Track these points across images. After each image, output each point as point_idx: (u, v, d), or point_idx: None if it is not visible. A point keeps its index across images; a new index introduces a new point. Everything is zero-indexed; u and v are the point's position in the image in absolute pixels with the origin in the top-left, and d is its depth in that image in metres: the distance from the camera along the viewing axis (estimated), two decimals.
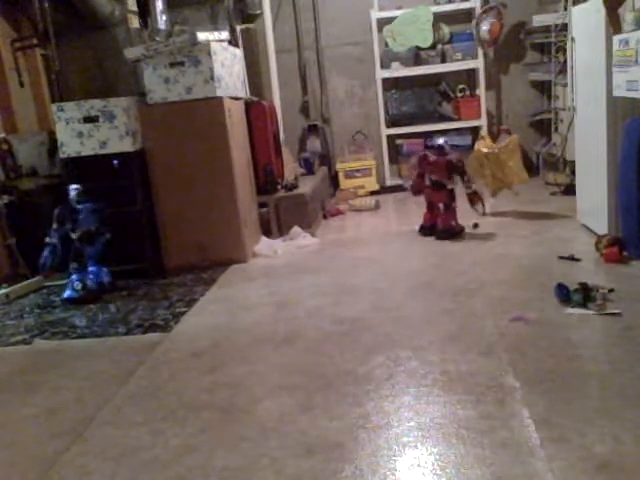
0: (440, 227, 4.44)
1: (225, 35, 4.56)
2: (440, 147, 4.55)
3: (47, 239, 3.90)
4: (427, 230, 4.55)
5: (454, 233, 4.41)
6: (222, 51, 4.43)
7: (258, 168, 4.96)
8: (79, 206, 3.96)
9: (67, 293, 3.93)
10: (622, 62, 3.32)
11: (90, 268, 3.99)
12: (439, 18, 6.32)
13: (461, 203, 4.57)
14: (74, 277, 3.91)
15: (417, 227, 4.66)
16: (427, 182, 4.53)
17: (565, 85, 5.49)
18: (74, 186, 3.98)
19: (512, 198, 5.08)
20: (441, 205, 4.47)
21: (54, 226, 3.91)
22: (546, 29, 5.98)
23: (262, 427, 2.19)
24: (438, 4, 6.34)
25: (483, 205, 4.56)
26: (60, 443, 2.24)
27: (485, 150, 5.04)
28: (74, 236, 3.91)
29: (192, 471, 1.98)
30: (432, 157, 4.51)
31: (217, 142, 4.25)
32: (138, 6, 4.80)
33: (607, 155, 3.69)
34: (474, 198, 4.53)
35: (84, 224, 3.94)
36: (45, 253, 3.90)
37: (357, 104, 6.81)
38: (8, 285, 4.27)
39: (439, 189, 4.45)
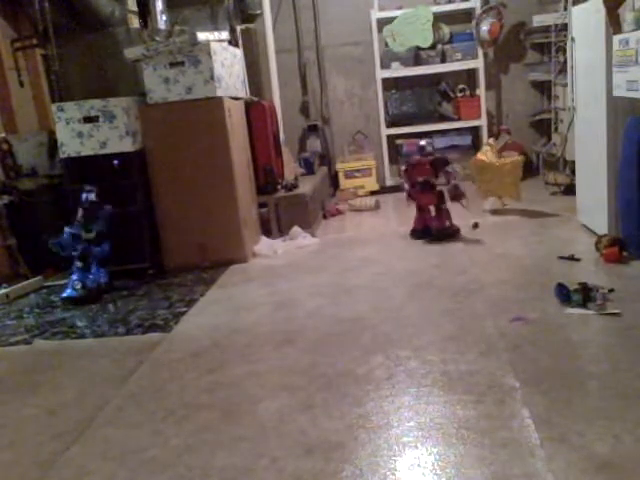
0: (435, 228, 4.42)
1: (225, 35, 4.56)
2: (421, 148, 4.54)
3: (68, 229, 3.87)
4: (419, 233, 4.51)
5: (449, 234, 4.39)
6: (222, 51, 4.43)
7: (258, 168, 4.96)
8: (100, 207, 3.97)
9: (67, 292, 3.90)
10: (622, 62, 3.32)
11: (93, 270, 3.97)
12: (439, 18, 6.33)
13: (457, 205, 4.55)
14: (74, 277, 3.89)
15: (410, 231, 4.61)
16: (417, 186, 4.48)
17: (565, 85, 5.49)
18: (90, 187, 3.96)
19: (508, 200, 5.10)
20: (432, 207, 4.44)
21: (80, 221, 3.90)
22: (546, 29, 5.98)
23: (262, 427, 2.19)
24: (438, 4, 6.34)
25: (466, 197, 4.45)
26: (60, 443, 2.24)
27: (488, 160, 5.05)
28: (89, 236, 3.90)
29: (192, 471, 1.98)
30: (415, 158, 4.49)
31: (217, 142, 4.25)
32: (138, 6, 4.79)
33: (607, 155, 3.69)
34: (456, 193, 4.42)
35: (99, 225, 3.95)
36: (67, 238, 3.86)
37: (357, 104, 6.81)
38: (8, 285, 4.27)
39: (428, 191, 4.41)
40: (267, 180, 5.01)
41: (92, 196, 3.94)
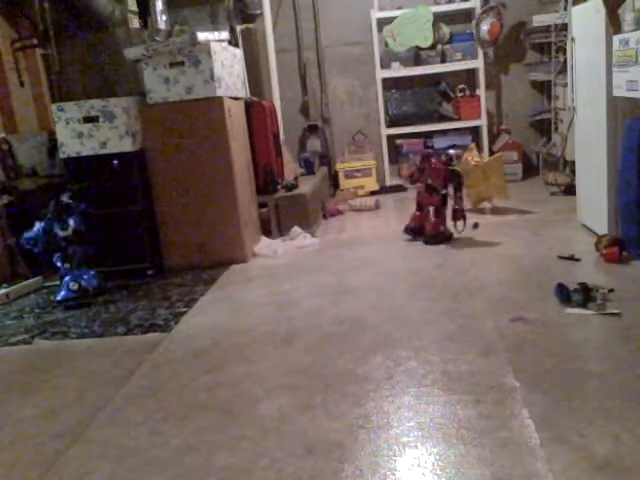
0: (429, 232, 4.38)
1: (225, 35, 4.55)
2: (449, 157, 4.42)
3: (39, 224, 3.81)
4: (412, 231, 4.48)
5: (442, 239, 4.35)
6: (222, 51, 4.43)
7: (258, 168, 4.96)
8: (72, 205, 3.91)
9: (62, 294, 3.83)
10: (622, 62, 3.32)
11: (84, 271, 3.94)
12: (439, 18, 6.33)
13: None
14: (68, 277, 3.85)
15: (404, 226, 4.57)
16: (423, 184, 4.45)
17: (565, 85, 5.49)
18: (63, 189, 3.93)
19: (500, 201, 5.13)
20: (431, 209, 4.40)
21: (49, 215, 3.82)
22: (546, 29, 5.98)
23: (262, 427, 2.19)
24: (438, 4, 6.34)
25: (464, 224, 4.41)
26: (60, 443, 2.24)
27: (472, 161, 5.08)
28: (63, 234, 3.84)
29: (192, 471, 1.98)
30: (435, 162, 4.44)
31: (217, 142, 4.25)
32: (138, 6, 4.79)
33: (607, 155, 3.69)
34: (458, 215, 4.40)
35: (75, 221, 3.89)
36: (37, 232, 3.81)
37: (357, 104, 6.81)
38: (8, 285, 4.27)
39: (432, 193, 4.38)
40: (267, 180, 5.00)
41: (64, 197, 3.88)
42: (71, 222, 3.87)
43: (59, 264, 3.90)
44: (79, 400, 2.59)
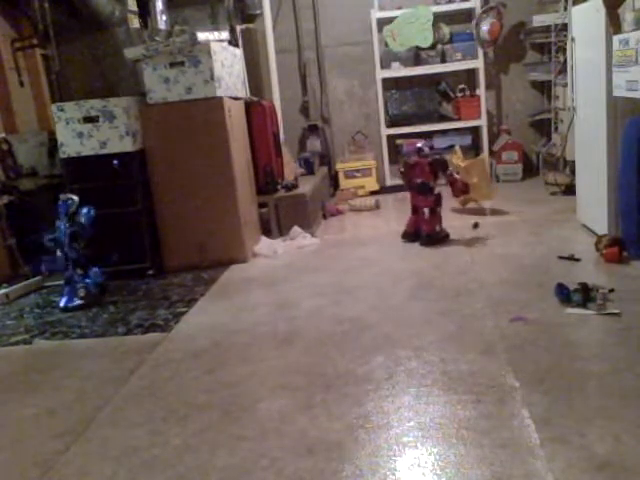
0: (424, 233, 4.37)
1: (225, 35, 4.56)
2: (418, 150, 4.49)
3: (51, 237, 3.80)
4: (411, 236, 4.46)
5: (438, 239, 4.34)
6: (222, 51, 4.43)
7: (258, 168, 4.96)
8: (82, 209, 3.88)
9: (67, 300, 3.80)
10: (622, 62, 3.32)
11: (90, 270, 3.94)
12: (439, 18, 6.32)
13: (452, 211, 4.53)
14: (77, 284, 3.81)
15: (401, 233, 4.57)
16: (414, 186, 4.44)
17: (565, 85, 5.49)
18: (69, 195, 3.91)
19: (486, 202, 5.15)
20: (426, 210, 4.37)
21: (64, 222, 3.78)
22: (546, 29, 5.98)
23: (262, 427, 2.19)
24: (438, 4, 6.33)
25: (466, 194, 4.45)
26: (60, 443, 2.24)
27: (455, 163, 5.10)
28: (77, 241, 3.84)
29: (192, 471, 1.98)
30: (413, 159, 4.46)
31: (217, 142, 4.25)
32: (138, 6, 4.79)
33: (607, 155, 3.69)
34: (459, 186, 4.45)
35: (86, 229, 3.88)
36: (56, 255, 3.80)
37: (357, 104, 6.80)
38: (8, 285, 4.27)
39: (425, 193, 4.38)
40: (267, 180, 5.00)
41: (76, 199, 3.86)
42: (81, 221, 3.86)
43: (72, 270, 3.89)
44: (79, 400, 2.59)
